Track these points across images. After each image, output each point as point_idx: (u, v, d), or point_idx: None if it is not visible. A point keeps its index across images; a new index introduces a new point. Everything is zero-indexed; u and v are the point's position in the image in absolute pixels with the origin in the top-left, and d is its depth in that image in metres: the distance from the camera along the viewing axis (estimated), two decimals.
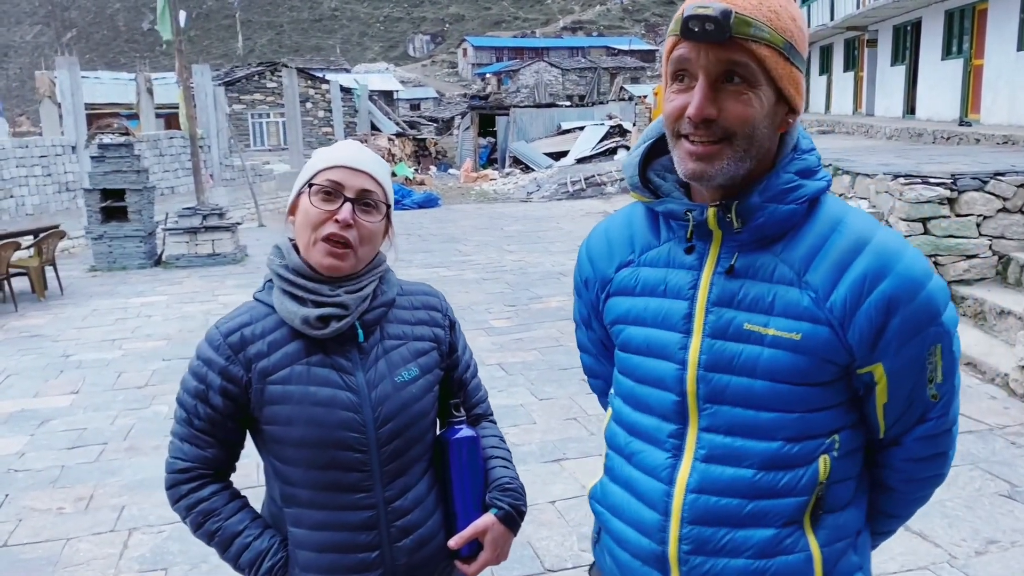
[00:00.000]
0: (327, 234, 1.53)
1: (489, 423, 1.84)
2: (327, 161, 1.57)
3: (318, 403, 1.55)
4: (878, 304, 1.23)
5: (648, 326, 1.36)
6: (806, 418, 1.28)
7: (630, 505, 1.39)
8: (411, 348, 1.66)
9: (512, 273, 10.35)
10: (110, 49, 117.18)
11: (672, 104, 1.25)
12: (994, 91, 14.74)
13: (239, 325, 1.59)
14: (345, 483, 1.57)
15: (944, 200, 6.63)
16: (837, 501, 1.32)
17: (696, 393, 1.31)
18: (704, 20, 1.17)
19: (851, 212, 1.31)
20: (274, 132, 37.52)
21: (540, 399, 5.57)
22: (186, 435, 1.62)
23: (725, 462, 1.30)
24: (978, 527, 3.62)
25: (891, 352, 1.26)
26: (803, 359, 1.25)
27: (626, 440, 1.41)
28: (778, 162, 1.29)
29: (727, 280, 1.29)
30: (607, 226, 1.50)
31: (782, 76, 1.22)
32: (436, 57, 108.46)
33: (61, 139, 14.97)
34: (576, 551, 3.60)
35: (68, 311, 9.14)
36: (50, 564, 3.69)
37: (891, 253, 1.25)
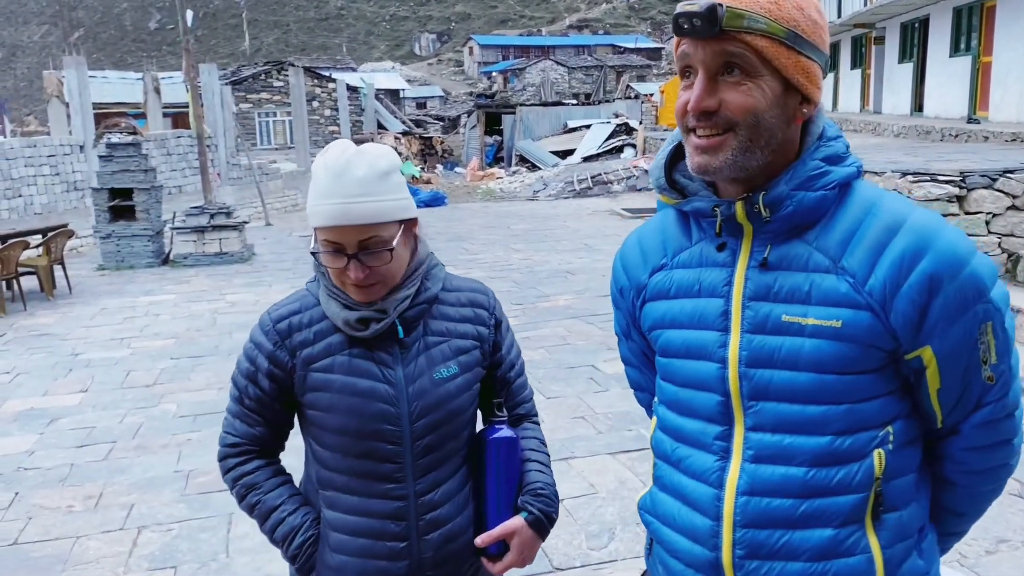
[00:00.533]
0: (350, 283, 1.58)
1: (531, 424, 1.85)
2: (318, 220, 1.55)
3: (357, 393, 1.60)
4: (919, 283, 1.19)
5: (685, 328, 1.34)
6: (855, 409, 1.24)
7: (680, 512, 1.35)
8: (452, 345, 1.68)
9: (519, 272, 10.35)
10: (117, 49, 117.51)
11: (680, 100, 1.25)
12: (1003, 88, 14.69)
13: (289, 313, 1.67)
14: (378, 473, 1.62)
15: (953, 198, 6.61)
16: (898, 498, 1.27)
17: (740, 391, 1.28)
18: (691, 16, 1.18)
19: (886, 195, 1.28)
20: (280, 131, 37.59)
21: (548, 398, 5.56)
22: (237, 412, 1.71)
23: (774, 461, 1.26)
24: (988, 526, 3.61)
25: (938, 333, 1.21)
26: (847, 347, 1.22)
27: (672, 446, 1.38)
28: (803, 150, 1.27)
29: (761, 273, 1.27)
30: (640, 234, 1.48)
31: (787, 66, 1.20)
32: (442, 56, 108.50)
33: (69, 138, 15.02)
34: (584, 550, 3.59)
35: (76, 310, 9.17)
36: (60, 562, 3.70)
37: (930, 231, 1.20)
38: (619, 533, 3.71)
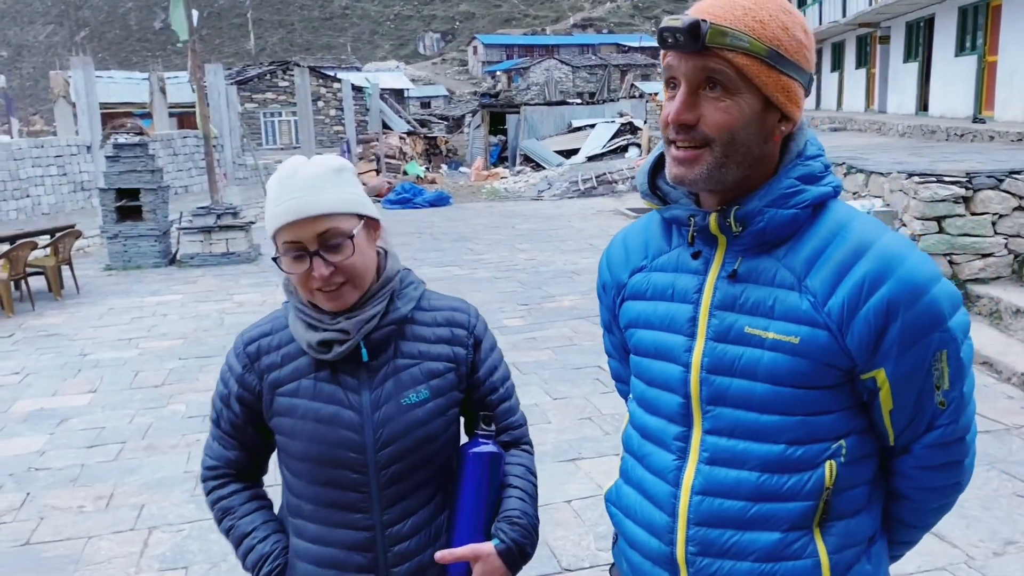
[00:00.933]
0: (317, 288, 1.52)
1: (521, 452, 1.73)
2: (275, 221, 1.51)
3: (320, 419, 1.55)
4: (877, 309, 1.22)
5: (656, 329, 1.39)
6: (808, 422, 1.28)
7: (642, 507, 1.41)
8: (424, 369, 1.59)
9: (524, 272, 10.36)
10: (122, 48, 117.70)
11: (664, 111, 1.29)
12: (1009, 87, 14.65)
13: (259, 335, 1.63)
14: (343, 502, 1.56)
15: (959, 199, 6.61)
16: (847, 507, 1.32)
17: (699, 395, 1.32)
18: (674, 32, 1.21)
19: (857, 217, 1.31)
20: (286, 131, 37.65)
21: (555, 398, 5.58)
22: (215, 435, 1.69)
23: (728, 464, 1.31)
24: (996, 528, 3.62)
25: (892, 358, 1.25)
26: (802, 362, 1.26)
27: (639, 443, 1.44)
28: (780, 167, 1.30)
29: (730, 284, 1.31)
30: (626, 233, 1.53)
31: (767, 84, 1.23)
32: (446, 55, 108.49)
33: (76, 139, 15.09)
34: (593, 550, 3.61)
35: (84, 310, 9.21)
36: (72, 562, 3.73)
37: (893, 257, 1.24)
38: None
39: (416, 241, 13.70)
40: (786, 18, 1.24)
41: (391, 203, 19.72)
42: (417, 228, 15.46)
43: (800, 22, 1.27)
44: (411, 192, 20.08)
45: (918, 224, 6.67)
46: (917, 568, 3.33)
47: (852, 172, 8.28)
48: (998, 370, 5.57)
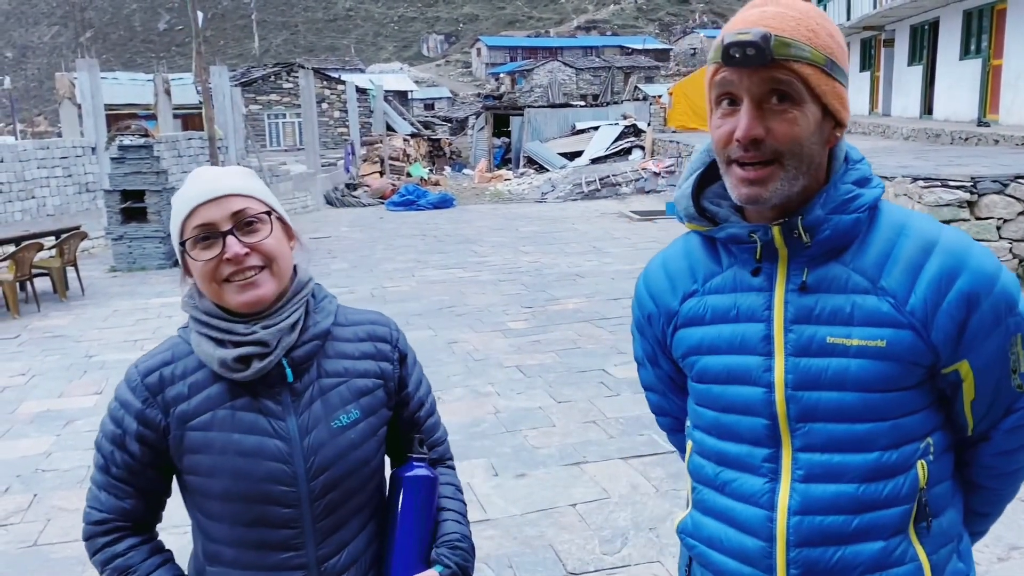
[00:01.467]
0: (227, 275, 1.39)
1: (447, 469, 1.65)
2: (184, 207, 1.41)
3: (243, 453, 1.40)
4: (958, 301, 1.24)
5: (725, 353, 1.36)
6: (900, 424, 1.28)
7: (728, 535, 1.37)
8: (352, 387, 1.49)
9: (528, 274, 10.38)
10: (127, 49, 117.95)
11: (720, 130, 1.27)
12: (1013, 91, 14.66)
13: (159, 364, 1.45)
14: (274, 541, 1.43)
15: (964, 203, 6.62)
16: (937, 505, 1.32)
17: (787, 414, 1.30)
18: (745, 46, 1.19)
19: (913, 215, 1.33)
20: (290, 132, 37.73)
21: (559, 402, 5.59)
22: (103, 483, 1.47)
23: (825, 479, 1.29)
24: (1000, 533, 3.62)
25: (975, 347, 1.27)
26: (891, 365, 1.26)
27: (716, 470, 1.39)
28: (832, 174, 1.30)
29: (801, 296, 1.30)
30: (663, 259, 1.49)
31: (826, 92, 1.24)
32: (450, 57, 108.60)
33: (81, 140, 15.14)
34: (598, 554, 3.62)
35: (89, 311, 9.24)
36: (80, 563, 3.74)
37: (961, 250, 1.26)
38: (632, 538, 3.74)
39: (420, 243, 13.72)
40: (830, 26, 1.26)
41: (395, 205, 19.76)
42: (421, 230, 15.49)
43: (837, 29, 1.29)
44: (415, 194, 20.12)
45: None
46: None
47: None
48: None
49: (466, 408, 5.51)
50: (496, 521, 3.95)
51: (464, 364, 6.54)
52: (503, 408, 5.52)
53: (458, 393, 5.82)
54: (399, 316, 8.27)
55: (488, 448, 4.82)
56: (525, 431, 5.10)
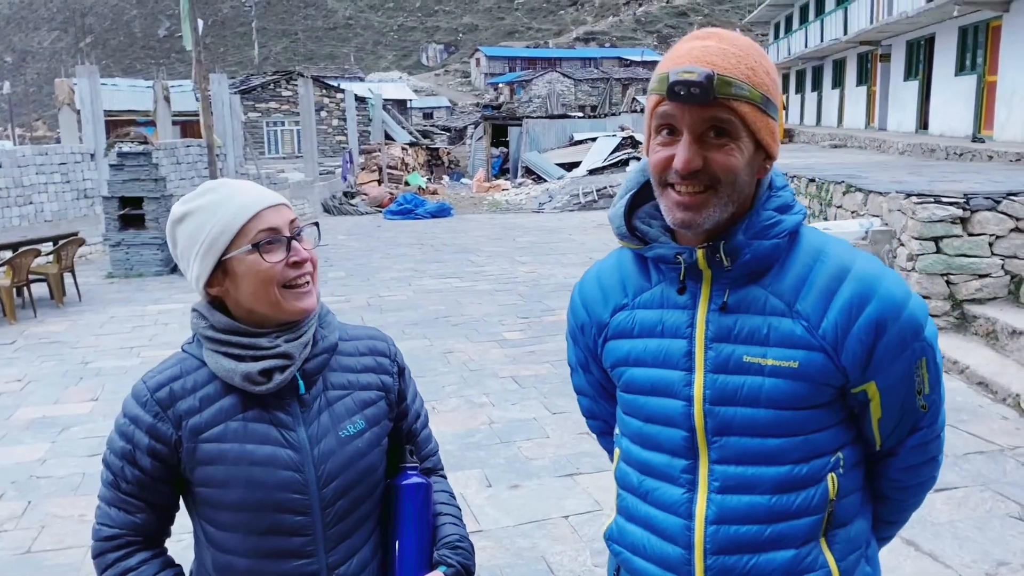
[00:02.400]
0: (289, 281, 1.44)
1: (440, 478, 1.72)
2: (246, 211, 1.43)
3: (255, 462, 1.43)
4: (867, 326, 1.31)
5: (650, 366, 1.42)
6: (810, 440, 1.35)
7: (651, 542, 1.43)
8: (356, 398, 1.54)
9: (525, 285, 10.41)
10: (126, 55, 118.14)
11: (658, 155, 1.32)
12: (1008, 107, 14.75)
13: (168, 379, 1.47)
14: (286, 549, 1.46)
15: (957, 219, 6.66)
16: (846, 515, 1.39)
17: (704, 427, 1.36)
18: (690, 85, 1.24)
19: (830, 241, 1.39)
20: (288, 140, 37.81)
21: (553, 413, 5.62)
22: (113, 499, 1.48)
23: (740, 491, 1.35)
24: (988, 549, 3.65)
25: (882, 370, 1.34)
26: (802, 385, 1.32)
27: (639, 479, 1.45)
28: (756, 200, 1.36)
29: (722, 316, 1.36)
30: (598, 272, 1.55)
31: (760, 128, 1.30)
32: (449, 66, 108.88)
33: (80, 147, 15.18)
34: (589, 566, 3.64)
35: (86, 318, 9.25)
36: (73, 570, 3.76)
37: (873, 277, 1.33)
38: None
39: (418, 252, 13.75)
40: (766, 63, 1.31)
41: (393, 213, 19.80)
42: (419, 239, 15.53)
43: (772, 66, 1.34)
44: (413, 203, 20.16)
45: (916, 244, 6.72)
46: None
47: (851, 191, 8.33)
48: (993, 391, 5.61)
49: (461, 418, 5.53)
50: (489, 532, 3.97)
51: (459, 374, 6.57)
52: (497, 419, 5.55)
53: (453, 403, 5.85)
54: (396, 325, 8.31)
55: (482, 459, 4.84)
56: (519, 442, 5.12)
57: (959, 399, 5.56)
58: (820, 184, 9.29)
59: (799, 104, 32.61)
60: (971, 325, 6.59)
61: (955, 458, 4.59)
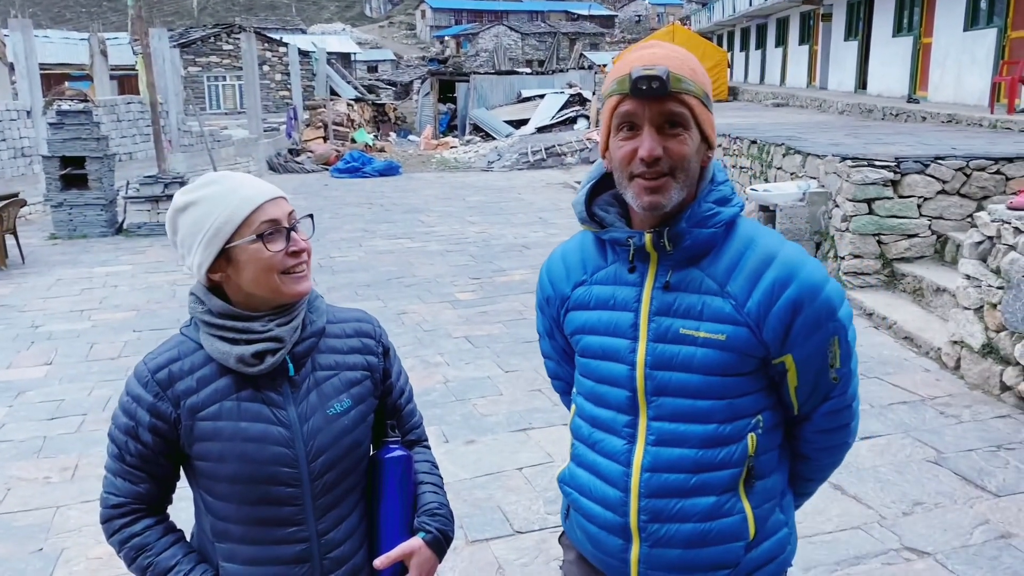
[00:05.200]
0: (288, 268, 1.57)
1: (423, 448, 1.86)
2: (249, 203, 1.55)
3: (249, 439, 1.56)
4: (785, 306, 1.52)
5: (602, 335, 1.63)
6: (734, 403, 1.56)
7: (595, 485, 1.65)
8: (343, 378, 1.66)
9: (475, 245, 10.55)
10: (55, 3, 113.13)
11: (623, 150, 1.52)
12: (942, 69, 15.21)
13: (167, 361, 1.59)
14: (278, 517, 1.59)
15: (888, 182, 6.99)
16: (764, 469, 1.61)
17: (644, 388, 1.58)
18: (652, 79, 1.45)
19: (760, 231, 1.60)
20: (230, 95, 36.92)
21: (506, 371, 5.83)
22: (118, 470, 1.61)
23: (671, 444, 1.57)
24: (906, 490, 3.99)
25: (798, 344, 1.55)
26: (729, 355, 1.54)
27: (589, 431, 1.67)
28: (699, 192, 1.57)
29: (664, 293, 1.57)
30: (563, 252, 1.77)
31: (703, 121, 1.53)
32: (393, 18, 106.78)
33: (16, 104, 14.70)
34: (543, 514, 3.88)
35: (31, 280, 9.14)
36: (43, 531, 3.86)
37: (794, 264, 1.54)
38: None
39: (367, 212, 13.76)
40: (700, 66, 1.55)
41: (340, 172, 19.61)
42: (368, 198, 15.49)
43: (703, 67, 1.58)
44: (360, 161, 19.97)
45: (850, 206, 7.04)
46: (835, 527, 3.68)
47: (790, 153, 8.62)
48: (918, 344, 5.98)
49: (417, 378, 5.70)
50: (447, 485, 4.08)
51: (414, 335, 6.73)
52: (453, 378, 5.74)
53: (409, 363, 6.01)
54: (348, 287, 8.41)
55: (439, 416, 5.04)
56: (474, 400, 5.33)
57: (886, 353, 5.93)
58: (761, 146, 9.56)
59: (743, 62, 32.96)
60: (900, 283, 6.96)
61: (880, 408, 4.94)
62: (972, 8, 14.26)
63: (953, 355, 5.52)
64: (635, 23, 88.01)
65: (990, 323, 5.21)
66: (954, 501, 3.87)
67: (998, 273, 5.17)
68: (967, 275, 5.46)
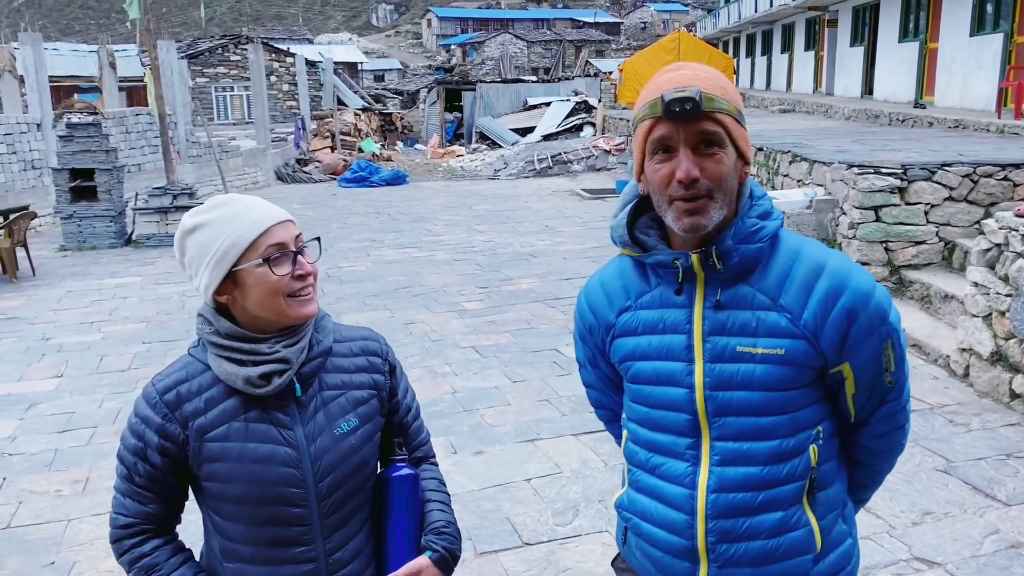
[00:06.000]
0: (294, 291, 1.57)
1: (430, 466, 1.86)
2: (257, 226, 1.56)
3: (257, 460, 1.56)
4: (841, 315, 1.53)
5: (654, 359, 1.62)
6: (796, 416, 1.56)
7: (658, 510, 1.63)
8: (350, 398, 1.67)
9: (482, 254, 10.57)
10: (63, 15, 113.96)
11: (660, 173, 1.52)
12: (948, 74, 15.20)
13: (175, 382, 1.60)
14: (286, 538, 1.60)
15: (895, 189, 6.98)
16: (826, 480, 1.61)
17: (705, 410, 1.57)
18: (684, 101, 1.45)
19: (805, 243, 1.61)
20: (238, 106, 37.08)
21: (514, 381, 5.84)
22: (127, 491, 1.62)
23: (736, 463, 1.56)
24: (915, 500, 3.98)
25: (855, 352, 1.55)
26: (789, 369, 1.54)
27: (647, 456, 1.66)
28: (740, 209, 1.57)
29: (715, 312, 1.56)
30: (601, 279, 1.75)
31: (738, 137, 1.53)
32: (400, 27, 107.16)
33: (26, 116, 14.80)
34: (551, 525, 3.89)
35: (42, 293, 9.20)
36: (54, 544, 3.89)
37: (844, 273, 1.55)
38: (583, 510, 4.01)
39: (375, 221, 13.80)
40: (729, 83, 1.55)
41: (347, 181, 19.69)
42: (375, 208, 15.54)
43: (732, 83, 1.58)
44: (367, 170, 20.04)
45: (857, 213, 7.04)
46: None
47: (797, 160, 8.63)
48: (926, 352, 5.97)
49: (425, 388, 5.72)
50: (455, 496, 4.12)
51: (421, 345, 6.75)
52: (460, 388, 5.75)
53: (417, 374, 6.03)
54: (356, 297, 8.44)
55: (447, 427, 5.05)
56: (482, 410, 5.34)
57: None
58: (768, 153, 9.57)
59: (749, 68, 32.95)
60: (907, 290, 6.95)
61: None
62: (978, 13, 14.25)
63: (962, 363, 5.51)
64: (641, 30, 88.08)
65: (999, 331, 5.20)
66: (964, 511, 3.86)
67: (1006, 280, 5.16)
68: (975, 282, 5.45)
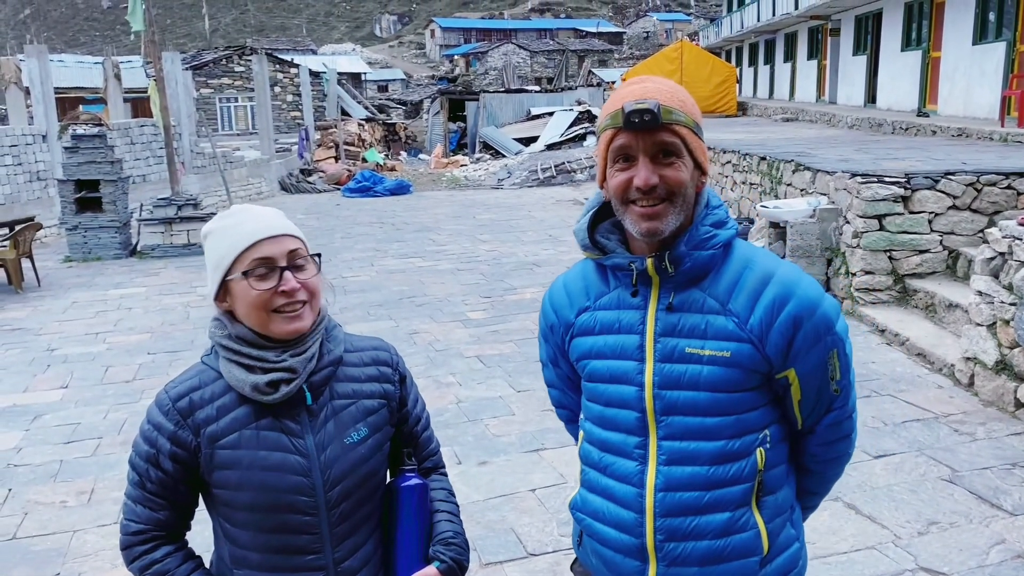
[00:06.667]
0: (278, 307, 1.58)
1: (440, 476, 1.86)
2: (245, 239, 1.58)
3: (267, 468, 1.57)
4: (786, 322, 1.57)
5: (608, 358, 1.67)
6: (742, 419, 1.60)
7: (609, 509, 1.67)
8: (360, 407, 1.68)
9: (486, 263, 10.59)
10: (69, 28, 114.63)
11: (618, 179, 1.58)
12: (951, 83, 15.21)
13: (188, 390, 1.62)
14: (295, 545, 1.61)
15: (899, 198, 6.99)
16: (774, 484, 1.65)
17: (654, 408, 1.61)
18: (644, 112, 1.52)
19: (757, 252, 1.66)
20: (242, 116, 37.25)
21: (518, 391, 5.83)
22: (139, 497, 1.63)
23: (683, 463, 1.60)
24: (921, 509, 3.97)
25: (800, 358, 1.60)
26: (735, 371, 1.58)
27: (599, 455, 1.70)
28: (695, 217, 1.62)
29: (668, 315, 1.62)
30: (565, 280, 1.81)
31: (695, 148, 1.58)
32: (403, 38, 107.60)
33: (31, 128, 14.89)
34: (556, 536, 3.88)
35: (47, 303, 9.22)
36: (59, 555, 3.89)
37: (792, 282, 1.60)
38: None
39: (378, 231, 13.83)
40: (690, 98, 1.61)
41: (351, 191, 19.74)
42: (379, 218, 15.57)
43: (692, 98, 1.64)
44: (371, 180, 20.10)
45: (860, 222, 7.04)
46: (850, 547, 3.66)
47: (800, 169, 8.63)
48: (931, 361, 5.96)
49: (429, 398, 5.72)
50: (460, 507, 4.17)
51: (426, 355, 6.75)
52: (465, 398, 5.76)
53: (421, 384, 6.01)
54: (360, 307, 8.45)
55: (452, 437, 5.05)
56: (486, 420, 5.34)
57: (899, 369, 5.91)
58: (771, 162, 9.58)
59: (752, 77, 33.01)
60: (912, 299, 6.94)
61: (894, 426, 4.92)
62: (981, 22, 14.28)
63: (967, 372, 5.50)
64: (643, 39, 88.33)
65: (1003, 339, 5.19)
66: (969, 520, 3.85)
67: (1010, 289, 5.15)
68: (979, 291, 5.44)
